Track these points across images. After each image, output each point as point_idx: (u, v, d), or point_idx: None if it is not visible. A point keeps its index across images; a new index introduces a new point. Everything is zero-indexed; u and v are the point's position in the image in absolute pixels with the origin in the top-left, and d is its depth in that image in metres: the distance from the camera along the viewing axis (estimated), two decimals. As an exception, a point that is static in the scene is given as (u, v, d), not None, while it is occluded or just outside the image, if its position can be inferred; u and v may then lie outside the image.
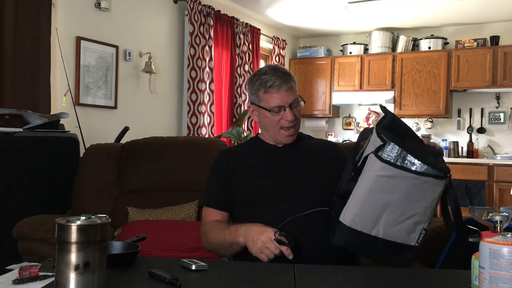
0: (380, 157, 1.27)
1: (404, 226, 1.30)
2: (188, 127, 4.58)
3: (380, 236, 1.31)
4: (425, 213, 1.30)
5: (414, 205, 1.28)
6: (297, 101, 1.69)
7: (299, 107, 1.70)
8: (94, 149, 2.61)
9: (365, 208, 1.30)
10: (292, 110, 1.67)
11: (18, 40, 3.09)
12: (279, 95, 1.65)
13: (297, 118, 1.69)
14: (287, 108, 1.66)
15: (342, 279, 1.24)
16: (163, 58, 4.49)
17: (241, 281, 1.21)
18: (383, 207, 1.29)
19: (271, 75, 1.66)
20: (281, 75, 1.66)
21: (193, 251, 2.03)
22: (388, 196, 1.27)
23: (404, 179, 1.25)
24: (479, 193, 5.33)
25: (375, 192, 1.28)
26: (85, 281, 0.99)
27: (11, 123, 2.55)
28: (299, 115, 1.71)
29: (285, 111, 1.66)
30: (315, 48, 6.68)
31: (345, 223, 1.32)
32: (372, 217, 1.30)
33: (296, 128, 1.72)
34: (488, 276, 0.99)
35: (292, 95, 1.67)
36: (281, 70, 1.69)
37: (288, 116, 1.66)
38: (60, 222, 1.01)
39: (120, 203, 2.45)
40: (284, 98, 1.66)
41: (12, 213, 2.30)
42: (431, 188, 1.27)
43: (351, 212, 1.32)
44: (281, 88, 1.65)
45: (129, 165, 2.54)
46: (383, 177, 1.26)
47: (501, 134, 5.92)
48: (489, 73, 5.61)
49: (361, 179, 1.32)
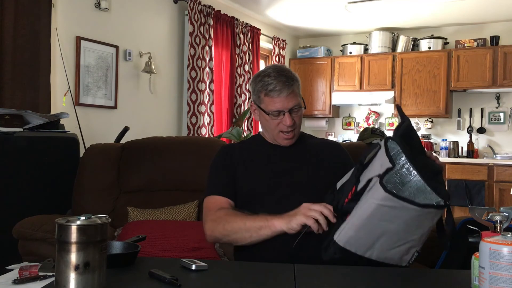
0: (385, 186, 1.22)
1: (398, 251, 1.30)
2: (188, 127, 4.58)
3: (373, 258, 1.31)
4: (420, 239, 1.30)
5: (411, 233, 1.27)
6: (298, 107, 1.67)
7: (300, 111, 1.69)
8: (94, 149, 2.61)
9: (362, 233, 1.28)
10: (291, 115, 1.66)
11: (18, 40, 3.08)
12: (280, 100, 1.65)
13: (296, 123, 1.69)
14: (286, 113, 1.65)
15: (342, 279, 1.24)
16: (163, 58, 4.49)
17: (241, 281, 1.21)
18: (380, 234, 1.27)
19: (274, 78, 1.64)
20: (284, 79, 1.64)
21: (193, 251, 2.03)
22: (387, 225, 1.25)
23: (406, 210, 1.21)
24: (479, 193, 5.33)
25: (374, 219, 1.25)
26: (85, 281, 0.99)
27: (11, 123, 2.54)
28: (299, 120, 1.70)
29: (284, 116, 1.66)
30: (315, 48, 6.68)
31: (339, 243, 1.31)
32: (367, 242, 1.29)
33: (296, 132, 1.71)
34: (488, 276, 0.99)
35: (293, 101, 1.66)
36: (285, 73, 1.67)
37: (286, 121, 1.65)
38: (60, 222, 1.01)
39: (120, 203, 2.45)
40: (284, 103, 1.65)
41: (12, 213, 2.30)
42: (431, 218, 1.26)
43: (347, 234, 1.31)
44: (282, 93, 1.64)
45: (129, 165, 2.53)
46: (385, 206, 1.22)
47: (501, 134, 5.92)
48: (489, 73, 5.61)
49: (362, 204, 1.29)
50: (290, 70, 1.72)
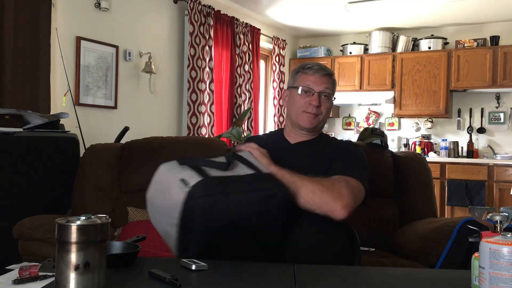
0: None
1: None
2: (188, 127, 4.58)
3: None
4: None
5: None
6: (329, 93, 1.74)
7: (328, 102, 1.75)
8: (94, 149, 2.61)
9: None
10: (320, 98, 1.72)
11: (18, 40, 3.08)
12: (314, 78, 1.72)
13: (322, 111, 1.73)
14: (316, 93, 1.71)
15: (342, 279, 1.24)
16: (163, 58, 4.49)
17: (241, 281, 1.21)
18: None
19: (314, 64, 1.75)
20: (323, 67, 1.75)
21: (193, 251, 2.03)
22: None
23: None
24: (479, 193, 5.33)
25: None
26: (85, 281, 0.99)
27: (11, 123, 2.54)
28: (326, 110, 1.75)
29: (313, 96, 1.71)
30: (315, 48, 6.68)
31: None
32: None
33: (319, 119, 1.75)
34: (488, 276, 0.99)
35: (325, 83, 1.73)
36: (323, 66, 1.77)
37: (314, 101, 1.71)
38: (60, 222, 1.01)
39: (120, 203, 2.45)
40: (317, 82, 1.72)
41: (12, 213, 2.30)
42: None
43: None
44: (317, 73, 1.72)
45: (129, 165, 2.53)
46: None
47: (501, 134, 5.92)
48: (489, 73, 5.61)
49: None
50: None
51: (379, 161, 2.51)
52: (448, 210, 5.53)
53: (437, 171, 5.49)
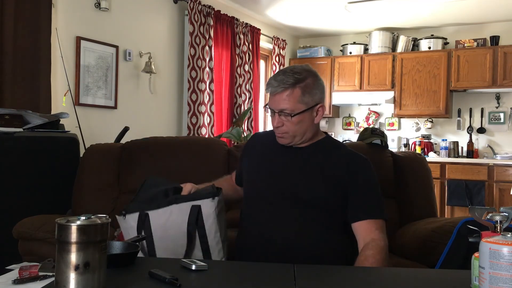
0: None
1: None
2: (188, 127, 4.58)
3: None
4: None
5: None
6: (289, 112, 1.56)
7: (291, 119, 1.57)
8: (94, 149, 2.61)
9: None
10: (281, 117, 1.59)
11: (18, 40, 3.08)
12: (271, 97, 1.60)
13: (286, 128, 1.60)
14: (276, 113, 1.59)
15: (342, 279, 1.24)
16: (163, 58, 4.49)
17: (241, 281, 1.21)
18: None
19: (278, 75, 1.59)
20: (281, 78, 1.57)
21: (193, 251, 2.03)
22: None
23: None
24: (479, 193, 5.33)
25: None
26: (85, 281, 0.99)
27: (11, 123, 2.54)
28: (294, 125, 1.59)
29: (274, 116, 1.60)
30: (315, 48, 6.68)
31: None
32: None
33: (291, 135, 1.62)
34: (488, 276, 0.99)
35: (283, 103, 1.56)
36: (288, 73, 1.57)
37: (274, 121, 1.61)
38: (60, 222, 1.01)
39: (120, 203, 2.44)
40: (274, 102, 1.59)
41: (12, 213, 2.30)
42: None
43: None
44: (273, 91, 1.59)
45: (129, 165, 2.53)
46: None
47: (501, 134, 5.92)
48: (489, 73, 5.61)
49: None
50: (301, 71, 1.59)
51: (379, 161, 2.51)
52: (448, 210, 5.53)
53: (437, 171, 5.49)
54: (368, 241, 1.53)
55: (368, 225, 1.56)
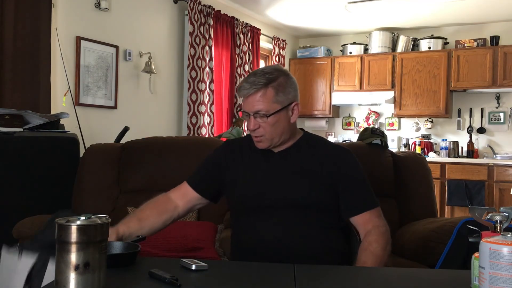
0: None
1: None
2: (188, 127, 4.58)
3: None
4: None
5: None
6: (264, 113, 1.53)
7: (268, 119, 1.54)
8: (94, 149, 2.61)
9: None
10: (256, 119, 1.55)
11: (18, 40, 3.08)
12: (244, 100, 1.57)
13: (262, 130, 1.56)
14: (251, 116, 1.56)
15: (342, 279, 1.24)
16: (163, 58, 4.49)
17: (241, 281, 1.21)
18: None
19: (249, 77, 1.55)
20: (253, 79, 1.53)
21: (193, 251, 2.04)
22: None
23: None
24: (479, 193, 5.33)
25: None
26: (85, 281, 0.99)
27: (11, 123, 2.54)
28: (270, 126, 1.55)
29: (249, 118, 1.57)
30: (315, 48, 6.68)
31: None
32: None
33: (268, 138, 1.58)
34: (488, 276, 0.99)
35: (257, 105, 1.54)
36: (259, 74, 1.55)
37: (249, 125, 1.57)
38: (60, 222, 1.01)
39: (120, 203, 2.45)
40: (248, 104, 1.56)
41: (12, 213, 2.30)
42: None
43: None
44: (245, 94, 1.55)
45: (129, 165, 2.54)
46: None
47: (501, 134, 5.92)
48: (489, 73, 5.61)
49: None
50: (272, 71, 1.57)
51: (379, 161, 2.51)
52: (448, 210, 5.53)
53: (437, 171, 5.49)
54: (369, 228, 1.56)
55: (366, 216, 1.58)
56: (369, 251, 1.51)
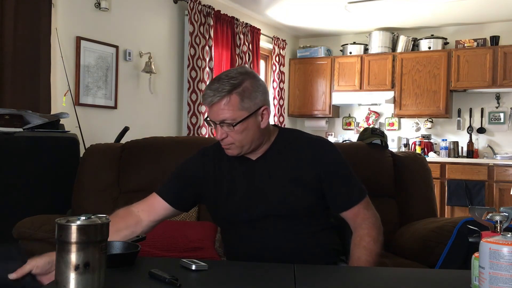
0: None
1: None
2: (188, 127, 4.58)
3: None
4: None
5: None
6: (230, 122, 1.44)
7: (234, 128, 1.45)
8: (94, 149, 2.61)
9: None
10: (223, 128, 1.46)
11: (18, 40, 3.09)
12: (210, 110, 1.48)
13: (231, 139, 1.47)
14: (217, 125, 1.47)
15: (342, 279, 1.24)
16: (163, 58, 4.49)
17: (241, 281, 1.21)
18: None
19: (213, 83, 1.45)
20: (216, 86, 1.43)
21: (193, 251, 2.04)
22: None
23: None
24: (479, 193, 5.33)
25: None
26: (85, 281, 0.99)
27: (11, 123, 2.55)
28: (239, 134, 1.46)
29: (216, 127, 1.49)
30: (315, 48, 6.68)
31: None
32: None
33: (238, 146, 1.50)
34: (488, 276, 0.99)
35: (222, 113, 1.44)
36: (223, 80, 1.45)
37: (216, 134, 1.49)
38: (60, 222, 1.01)
39: (120, 203, 2.44)
40: (211, 115, 1.48)
41: (12, 213, 2.30)
42: None
43: None
44: (209, 102, 1.45)
45: (129, 165, 2.54)
46: None
47: (501, 134, 5.92)
48: (489, 73, 5.61)
49: None
50: (236, 75, 1.46)
51: (379, 161, 2.51)
52: (448, 210, 5.53)
53: (437, 171, 5.49)
54: (359, 222, 1.55)
55: (355, 210, 1.56)
56: (362, 246, 1.50)
